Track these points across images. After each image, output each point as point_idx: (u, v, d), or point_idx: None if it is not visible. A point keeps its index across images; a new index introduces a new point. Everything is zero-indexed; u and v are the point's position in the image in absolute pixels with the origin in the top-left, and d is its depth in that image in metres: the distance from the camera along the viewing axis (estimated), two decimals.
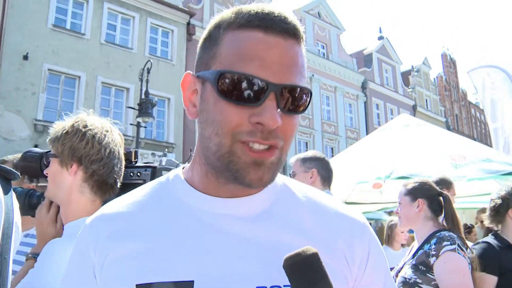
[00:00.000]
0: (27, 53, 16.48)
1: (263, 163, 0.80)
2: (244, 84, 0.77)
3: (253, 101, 0.77)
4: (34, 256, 1.59)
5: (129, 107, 17.06)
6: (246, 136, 0.78)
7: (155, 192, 0.94)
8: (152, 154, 17.99)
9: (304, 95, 0.82)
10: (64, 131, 1.57)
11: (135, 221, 0.88)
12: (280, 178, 0.97)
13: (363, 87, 31.53)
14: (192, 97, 0.88)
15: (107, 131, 1.61)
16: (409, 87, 36.47)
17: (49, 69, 17.17)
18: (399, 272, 2.81)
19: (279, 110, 0.78)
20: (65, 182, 1.56)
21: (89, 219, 0.94)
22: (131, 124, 17.57)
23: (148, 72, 14.73)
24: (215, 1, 23.63)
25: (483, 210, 7.27)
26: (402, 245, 5.48)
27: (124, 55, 19.43)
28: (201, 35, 0.92)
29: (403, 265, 2.82)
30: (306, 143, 27.09)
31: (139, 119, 14.45)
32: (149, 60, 15.37)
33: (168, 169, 1.66)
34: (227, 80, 0.78)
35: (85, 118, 1.61)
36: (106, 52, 18.93)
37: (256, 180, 0.80)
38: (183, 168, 0.97)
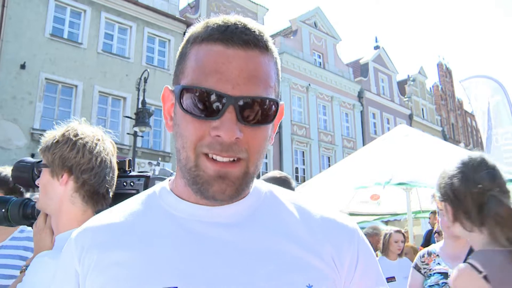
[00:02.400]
0: (24, 62, 16.49)
1: (227, 176, 0.80)
2: (204, 99, 0.78)
3: (213, 115, 0.78)
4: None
5: (126, 117, 17.06)
6: (206, 149, 0.79)
7: (141, 203, 0.94)
8: (149, 163, 17.97)
9: (269, 106, 0.82)
10: (55, 141, 1.54)
11: (120, 231, 0.89)
12: (266, 186, 0.98)
13: (360, 96, 31.61)
14: (171, 111, 0.90)
15: (99, 140, 1.58)
16: (405, 96, 36.59)
17: (46, 78, 17.17)
18: None
19: (239, 122, 0.79)
20: (56, 192, 1.53)
21: (74, 232, 0.95)
22: (127, 134, 17.56)
23: (145, 82, 14.75)
24: (212, 11, 23.74)
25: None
26: (399, 255, 5.47)
27: (121, 64, 19.46)
28: None
29: None
30: (303, 152, 27.10)
31: (136, 129, 14.44)
32: (146, 70, 15.40)
33: (162, 179, 1.65)
34: (188, 95, 0.80)
35: (76, 127, 1.58)
36: (103, 61, 18.96)
37: (219, 193, 0.81)
38: (169, 180, 0.98)
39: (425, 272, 3.10)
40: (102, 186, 1.55)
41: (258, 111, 0.81)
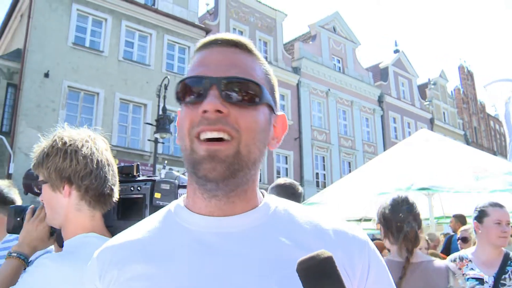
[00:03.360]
0: (48, 71, 16.83)
1: (217, 154, 0.84)
2: (191, 84, 0.88)
3: (201, 97, 0.86)
4: (19, 256, 1.56)
5: (147, 123, 17.23)
6: (196, 128, 0.85)
7: (158, 221, 0.98)
8: (170, 169, 18.09)
9: (252, 87, 0.88)
10: (45, 155, 1.48)
11: (138, 247, 0.92)
12: (276, 200, 1.00)
13: (380, 100, 31.40)
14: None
15: (88, 141, 1.50)
16: (426, 100, 36.21)
17: (68, 86, 17.48)
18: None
19: (223, 100, 0.85)
20: (62, 205, 1.48)
21: (97, 251, 0.98)
22: (148, 140, 17.73)
23: (166, 88, 14.89)
24: (230, 17, 23.88)
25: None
26: None
27: (141, 71, 19.70)
28: None
29: (494, 280, 3.06)
30: (323, 157, 26.99)
31: (157, 135, 14.59)
32: (166, 77, 15.53)
33: (167, 182, 1.67)
34: (180, 88, 0.90)
35: (62, 134, 1.51)
36: (124, 68, 19.22)
37: (209, 171, 0.84)
38: (183, 198, 1.01)
39: None
40: (106, 186, 1.50)
41: (241, 90, 0.87)
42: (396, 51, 35.32)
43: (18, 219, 1.77)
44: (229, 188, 0.87)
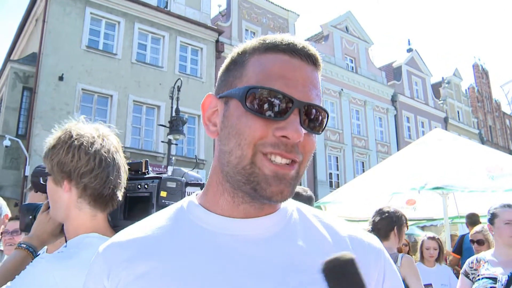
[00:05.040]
0: (62, 74, 17.02)
1: (284, 177, 0.82)
2: (271, 99, 0.81)
3: (279, 115, 0.81)
4: (28, 248, 1.53)
5: (160, 125, 17.33)
6: (269, 148, 0.81)
7: (168, 217, 0.94)
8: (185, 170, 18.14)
9: (323, 116, 0.87)
10: (51, 146, 1.44)
11: (147, 245, 0.88)
12: (293, 203, 0.98)
13: (393, 100, 31.20)
14: (212, 117, 0.92)
15: (94, 137, 1.45)
16: (440, 99, 35.88)
17: (82, 89, 17.66)
18: None
19: (301, 126, 0.82)
20: (63, 200, 1.44)
21: (102, 246, 0.95)
22: (162, 142, 17.82)
23: (178, 90, 14.95)
24: (243, 18, 23.91)
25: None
26: (438, 262, 5.33)
27: (154, 73, 19.81)
28: (229, 53, 0.95)
29: (508, 279, 2.99)
30: (337, 157, 26.89)
31: (170, 137, 14.61)
32: (179, 78, 15.61)
33: (173, 180, 1.63)
34: (255, 95, 0.81)
35: (73, 127, 1.47)
36: (137, 71, 19.35)
37: (277, 193, 0.82)
38: (196, 194, 0.98)
39: (473, 277, 3.21)
40: (106, 187, 1.43)
41: (316, 119, 0.85)
42: (409, 50, 35.05)
43: (30, 217, 1.74)
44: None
